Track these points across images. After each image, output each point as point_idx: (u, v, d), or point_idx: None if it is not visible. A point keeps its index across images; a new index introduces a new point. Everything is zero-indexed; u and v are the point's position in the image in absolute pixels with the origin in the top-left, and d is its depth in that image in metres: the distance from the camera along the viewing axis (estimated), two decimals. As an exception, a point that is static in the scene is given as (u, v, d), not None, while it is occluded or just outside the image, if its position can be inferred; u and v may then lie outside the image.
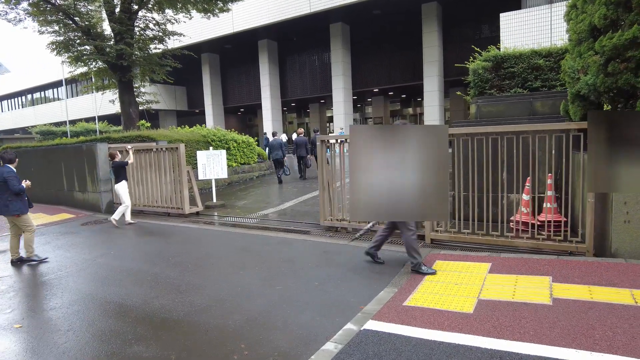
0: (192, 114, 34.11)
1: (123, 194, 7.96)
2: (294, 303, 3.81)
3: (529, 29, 13.56)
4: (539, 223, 5.17)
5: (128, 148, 8.62)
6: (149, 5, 14.12)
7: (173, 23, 15.17)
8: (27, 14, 13.58)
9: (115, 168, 7.93)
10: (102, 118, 28.99)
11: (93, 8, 14.44)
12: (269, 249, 5.72)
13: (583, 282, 3.69)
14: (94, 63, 14.80)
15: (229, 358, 2.93)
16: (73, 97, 36.34)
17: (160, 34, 14.98)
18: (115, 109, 16.29)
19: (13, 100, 45.39)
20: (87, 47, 14.26)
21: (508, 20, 14.12)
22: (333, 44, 23.99)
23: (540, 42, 11.81)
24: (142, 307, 3.93)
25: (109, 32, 14.25)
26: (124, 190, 7.99)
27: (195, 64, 27.94)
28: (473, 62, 8.68)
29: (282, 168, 13.08)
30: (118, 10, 13.52)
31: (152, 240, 6.82)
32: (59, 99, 37.33)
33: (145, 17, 14.87)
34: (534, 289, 3.62)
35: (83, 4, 13.81)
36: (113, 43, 13.58)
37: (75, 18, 13.52)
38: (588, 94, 4.82)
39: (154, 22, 14.95)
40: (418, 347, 2.84)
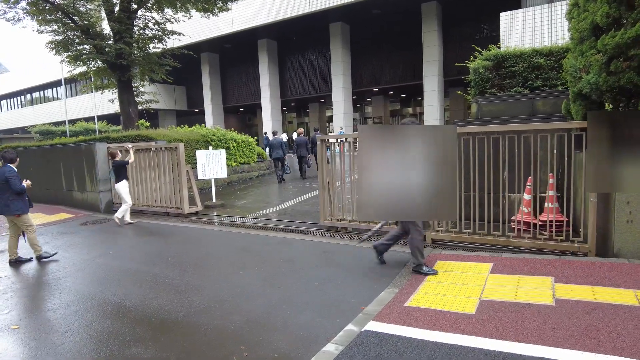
0: (191, 114, 34.07)
1: (124, 194, 7.93)
2: (294, 304, 3.78)
3: (529, 28, 13.51)
4: (541, 223, 5.15)
5: (129, 147, 8.58)
6: (148, 5, 14.08)
7: (172, 22, 15.15)
8: (25, 13, 13.55)
9: (116, 167, 7.90)
10: (101, 118, 28.96)
11: (92, 7, 14.41)
12: (269, 249, 5.69)
13: (586, 282, 3.66)
14: (93, 62, 14.78)
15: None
16: (72, 96, 36.30)
17: (160, 34, 14.96)
18: (115, 109, 16.26)
19: (12, 100, 45.34)
20: (86, 46, 14.24)
21: (508, 20, 14.08)
22: (333, 44, 23.95)
23: (541, 41, 11.78)
24: (141, 307, 3.90)
25: (108, 31, 14.21)
26: (125, 190, 7.97)
27: (195, 64, 27.89)
28: (473, 61, 8.65)
29: (282, 167, 13.12)
30: (117, 10, 13.48)
31: (151, 240, 6.78)
32: (58, 99, 37.30)
33: (145, 16, 14.85)
34: (537, 290, 3.59)
35: (82, 3, 13.78)
36: (112, 42, 13.55)
37: (74, 17, 13.48)
38: (590, 93, 4.78)
39: (153, 21, 14.93)
40: (420, 348, 2.81)
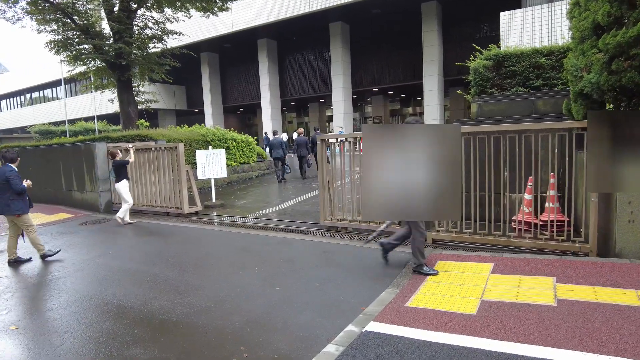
0: (191, 113, 34.04)
1: (125, 193, 7.93)
2: (294, 304, 3.76)
3: (529, 28, 13.50)
4: (542, 223, 5.13)
5: (129, 147, 8.57)
6: (148, 4, 14.06)
7: (172, 22, 15.13)
8: (25, 13, 13.52)
9: (116, 167, 7.90)
10: (101, 117, 28.92)
11: (92, 7, 14.37)
12: (269, 249, 5.67)
13: (587, 282, 3.64)
14: (93, 62, 14.75)
15: (229, 361, 2.88)
16: (72, 96, 36.27)
17: (159, 33, 14.94)
18: (114, 109, 16.24)
19: (12, 100, 45.31)
20: (85, 46, 14.22)
21: (508, 19, 14.07)
22: (332, 43, 23.92)
23: (541, 41, 11.74)
24: (140, 308, 3.88)
25: (108, 31, 14.18)
26: (126, 189, 7.96)
27: (195, 63, 27.86)
28: (474, 60, 8.62)
29: (282, 167, 13.14)
30: (117, 9, 13.46)
31: (151, 240, 6.76)
32: (58, 99, 37.25)
33: (144, 15, 14.82)
34: (538, 290, 3.57)
35: (81, 3, 13.75)
36: (112, 42, 13.52)
37: (74, 17, 13.45)
38: (591, 93, 4.76)
39: (153, 21, 14.91)
40: (421, 349, 2.79)
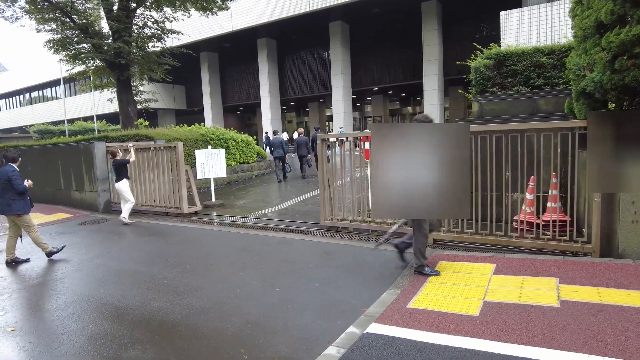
0: (190, 113, 33.98)
1: (126, 192, 7.89)
2: (295, 305, 3.72)
3: (530, 27, 13.46)
4: (543, 223, 5.09)
5: (129, 146, 8.53)
6: (147, 3, 14.01)
7: (172, 21, 15.08)
8: (24, 12, 13.47)
9: (117, 166, 7.86)
10: (100, 117, 28.85)
11: (91, 6, 14.32)
12: (269, 249, 5.63)
13: (591, 283, 3.60)
14: (92, 61, 14.70)
15: (228, 363, 2.85)
16: (71, 96, 36.21)
17: (159, 32, 14.89)
18: (114, 108, 16.18)
19: (11, 99, 45.24)
20: (84, 45, 14.17)
21: (508, 19, 14.03)
22: (332, 43, 23.87)
23: (541, 40, 11.71)
24: (138, 309, 3.84)
25: (107, 30, 14.14)
26: (127, 188, 7.92)
27: (194, 63, 27.80)
28: (474, 60, 8.59)
29: (283, 166, 13.16)
30: (116, 8, 13.41)
31: (150, 241, 6.72)
32: (57, 98, 37.18)
33: (144, 15, 14.77)
34: (541, 291, 3.53)
35: (80, 2, 13.71)
36: (111, 41, 13.47)
37: (73, 16, 13.40)
38: (594, 91, 4.72)
39: (152, 20, 14.85)
40: (423, 351, 2.75)
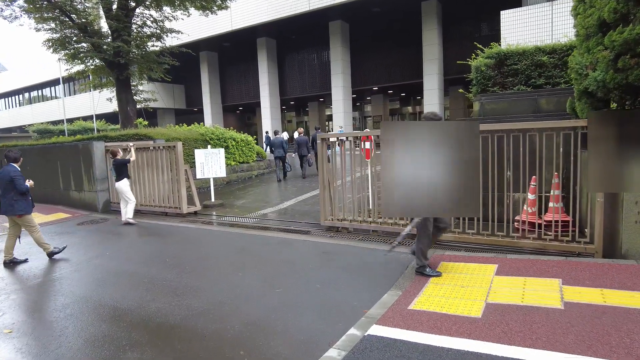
0: (190, 113, 33.93)
1: (127, 192, 7.85)
2: (295, 306, 3.68)
3: (530, 27, 13.43)
4: (545, 223, 5.05)
5: (130, 145, 8.49)
6: (147, 3, 13.97)
7: (171, 20, 15.04)
8: (23, 11, 13.43)
9: (117, 166, 7.82)
10: (100, 116, 28.79)
11: (90, 5, 14.28)
12: (269, 250, 5.59)
13: (594, 284, 3.57)
14: (91, 60, 14.67)
15: (228, 366, 2.81)
16: (70, 95, 36.14)
17: (158, 32, 14.86)
18: (113, 108, 16.14)
19: (10, 99, 45.16)
20: (83, 44, 14.13)
21: (509, 18, 13.99)
22: (332, 42, 23.82)
23: (542, 39, 11.64)
24: (137, 310, 3.80)
25: (106, 29, 14.10)
26: (127, 188, 7.88)
27: (194, 62, 27.74)
28: (475, 59, 8.54)
29: (283, 165, 13.16)
30: (115, 7, 13.37)
31: (149, 241, 6.68)
32: (57, 98, 37.12)
33: (143, 14, 14.74)
34: (544, 292, 3.49)
35: (80, 1, 13.66)
36: (110, 40, 13.44)
37: (72, 15, 13.36)
38: (596, 91, 4.68)
39: (152, 19, 14.81)
40: (425, 354, 2.71)
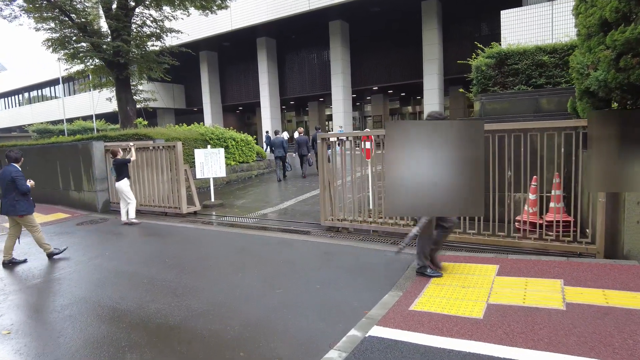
0: (190, 112, 33.88)
1: (127, 192, 7.83)
2: (295, 307, 3.66)
3: (530, 27, 13.41)
4: (546, 223, 5.03)
5: (130, 145, 8.47)
6: (146, 2, 13.94)
7: (171, 20, 15.00)
8: (22, 10, 13.40)
9: (117, 165, 7.80)
10: (99, 116, 28.77)
11: (89, 4, 14.25)
12: (269, 250, 5.57)
13: (596, 285, 3.54)
14: (91, 60, 14.63)
15: (227, 367, 2.79)
16: (70, 95, 36.09)
17: (158, 31, 14.83)
18: (113, 107, 16.11)
19: (10, 99, 45.11)
20: (83, 44, 14.10)
21: (509, 18, 13.97)
22: (332, 42, 23.78)
23: (542, 39, 11.63)
24: (136, 311, 3.78)
25: (106, 29, 14.07)
26: (128, 188, 7.86)
27: (194, 62, 27.69)
28: (476, 59, 8.52)
29: (283, 165, 13.18)
30: (115, 7, 13.34)
31: (148, 241, 6.66)
32: (56, 97, 37.07)
33: (143, 13, 14.71)
34: (546, 293, 3.47)
35: (79, 1, 13.63)
36: (110, 40, 13.41)
37: (72, 15, 13.33)
38: (597, 90, 4.66)
39: (152, 19, 14.78)
40: (427, 355, 2.69)
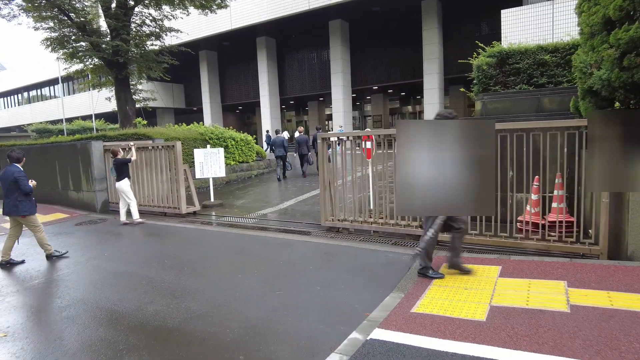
0: (189, 112, 33.81)
1: (128, 192, 7.80)
2: (295, 309, 3.62)
3: (531, 26, 13.36)
4: (548, 223, 4.99)
5: (131, 144, 8.43)
6: (146, 1, 13.89)
7: (170, 19, 14.95)
8: (21, 10, 13.35)
9: (118, 165, 7.76)
10: (98, 116, 28.72)
11: (88, 4, 14.21)
12: (269, 251, 5.52)
13: (600, 287, 3.50)
14: (90, 60, 14.59)
15: (227, 371, 2.75)
16: (69, 94, 36.02)
17: (157, 31, 14.79)
18: (112, 107, 16.07)
19: (9, 98, 45.03)
20: (82, 43, 14.06)
21: (509, 17, 13.92)
22: (332, 41, 23.73)
23: (543, 38, 11.58)
24: (135, 313, 3.73)
25: (105, 28, 14.03)
26: (128, 188, 7.83)
27: (193, 62, 27.61)
28: (477, 58, 8.47)
29: (283, 165, 13.19)
30: (114, 6, 13.30)
31: (147, 241, 6.61)
32: (56, 97, 37.00)
33: (142, 13, 14.66)
34: (549, 295, 3.43)
35: (78, 0, 13.58)
36: (109, 39, 13.36)
37: (71, 14, 13.28)
38: (601, 90, 4.62)
39: (151, 18, 14.74)
40: (429, 359, 2.64)
